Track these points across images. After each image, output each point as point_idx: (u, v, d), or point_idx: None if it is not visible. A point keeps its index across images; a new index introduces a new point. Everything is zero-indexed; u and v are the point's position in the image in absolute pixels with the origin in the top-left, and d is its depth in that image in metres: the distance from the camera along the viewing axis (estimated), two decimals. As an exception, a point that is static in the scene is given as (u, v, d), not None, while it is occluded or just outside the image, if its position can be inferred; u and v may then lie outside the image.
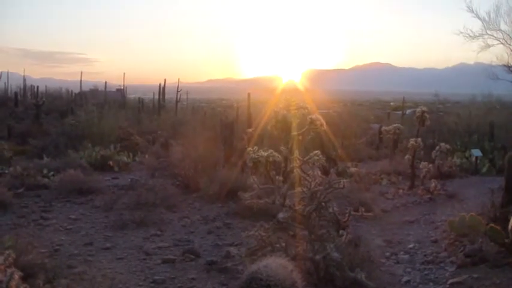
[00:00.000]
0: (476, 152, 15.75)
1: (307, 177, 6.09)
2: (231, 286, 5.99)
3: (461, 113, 27.07)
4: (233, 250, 7.02)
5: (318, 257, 5.20)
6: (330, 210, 5.92)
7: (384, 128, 16.00)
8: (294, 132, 7.59)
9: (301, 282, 4.12)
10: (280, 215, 5.74)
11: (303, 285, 4.18)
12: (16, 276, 3.60)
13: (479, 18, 21.76)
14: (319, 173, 6.26)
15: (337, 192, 6.34)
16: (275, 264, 4.05)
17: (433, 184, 12.11)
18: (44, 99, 29.82)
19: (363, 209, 6.58)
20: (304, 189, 5.97)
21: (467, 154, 17.12)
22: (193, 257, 7.12)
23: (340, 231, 5.99)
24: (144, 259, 7.11)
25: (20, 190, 11.13)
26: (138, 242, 7.93)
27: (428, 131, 17.86)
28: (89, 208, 10.19)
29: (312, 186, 5.93)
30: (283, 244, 5.67)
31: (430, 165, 13.30)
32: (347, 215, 6.08)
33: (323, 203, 5.85)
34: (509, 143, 17.18)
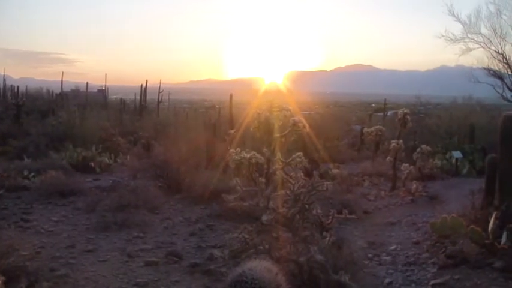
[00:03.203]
0: (457, 154, 15.91)
1: (291, 180, 6.11)
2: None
3: (442, 115, 27.27)
4: (216, 252, 6.98)
5: (301, 259, 5.20)
6: (314, 212, 5.93)
7: (365, 129, 16.07)
8: (277, 134, 7.59)
9: (286, 285, 4.12)
10: (264, 217, 5.73)
11: (287, 288, 4.18)
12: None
13: (460, 22, 22.01)
14: (302, 175, 6.28)
15: (320, 194, 6.35)
16: (260, 267, 4.03)
17: (414, 186, 12.20)
18: (24, 99, 29.50)
19: (347, 212, 6.59)
20: (288, 192, 5.98)
21: (448, 156, 17.27)
22: (176, 259, 7.08)
23: (324, 233, 6.01)
24: (127, 261, 7.04)
25: (0, 192, 11.01)
26: (120, 244, 7.86)
27: (410, 133, 17.98)
28: (71, 210, 10.10)
29: (296, 188, 5.94)
30: (267, 246, 5.66)
31: (412, 166, 13.39)
32: (331, 217, 6.10)
33: (307, 205, 5.87)
34: (489, 145, 17.35)
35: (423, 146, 14.24)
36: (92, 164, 15.31)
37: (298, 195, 5.88)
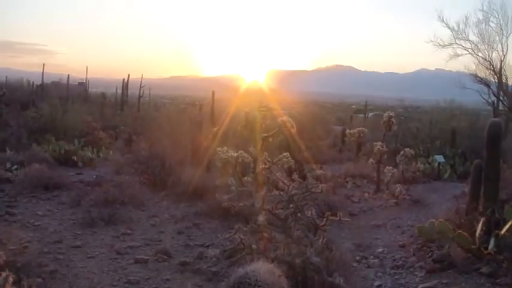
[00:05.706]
0: (440, 158, 16.07)
1: (284, 181, 6.12)
2: (207, 288, 5.97)
3: (422, 118, 27.46)
4: (210, 252, 6.93)
5: (298, 260, 5.21)
6: (308, 214, 5.95)
7: (348, 131, 16.14)
8: (264, 134, 7.58)
9: (288, 287, 4.14)
10: (260, 218, 5.72)
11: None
12: (11, 280, 3.47)
13: (449, 27, 22.21)
14: (296, 176, 6.30)
15: (313, 196, 6.37)
16: (263, 269, 4.05)
17: (398, 189, 12.25)
18: (4, 89, 29.05)
19: (341, 214, 6.58)
20: (282, 193, 5.99)
21: (430, 160, 17.43)
22: (165, 257, 7.05)
23: (317, 235, 6.02)
24: (116, 258, 7.01)
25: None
26: (108, 241, 7.82)
27: (391, 136, 18.07)
28: (56, 204, 10.01)
29: (289, 189, 5.95)
30: (261, 247, 5.66)
31: (395, 169, 13.46)
32: (325, 219, 6.11)
33: (300, 207, 5.88)
34: (469, 150, 17.57)
35: (406, 150, 14.28)
36: (75, 158, 15.19)
37: (292, 196, 5.89)
